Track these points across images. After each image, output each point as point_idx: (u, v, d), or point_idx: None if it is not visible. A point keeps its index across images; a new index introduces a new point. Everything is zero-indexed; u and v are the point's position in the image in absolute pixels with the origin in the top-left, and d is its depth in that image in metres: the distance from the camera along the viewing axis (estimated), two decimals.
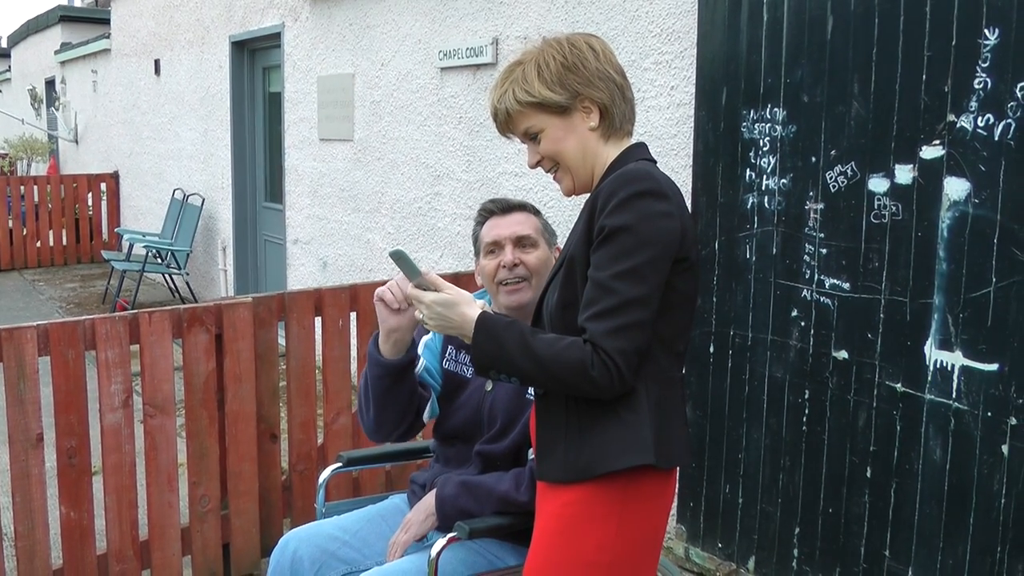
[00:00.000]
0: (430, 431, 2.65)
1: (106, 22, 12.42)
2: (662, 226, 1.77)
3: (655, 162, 1.96)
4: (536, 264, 2.41)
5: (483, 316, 1.85)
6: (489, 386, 2.46)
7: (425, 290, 1.94)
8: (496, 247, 2.44)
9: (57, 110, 15.03)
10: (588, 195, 1.95)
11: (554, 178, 2.00)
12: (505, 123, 1.97)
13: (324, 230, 6.89)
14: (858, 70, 3.08)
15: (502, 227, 2.46)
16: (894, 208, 3.01)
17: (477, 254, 2.53)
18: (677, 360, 1.91)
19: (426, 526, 2.39)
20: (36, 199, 11.33)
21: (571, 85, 1.89)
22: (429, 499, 2.41)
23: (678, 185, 3.92)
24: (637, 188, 1.78)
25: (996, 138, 2.72)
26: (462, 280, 3.94)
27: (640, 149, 1.98)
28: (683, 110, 3.80)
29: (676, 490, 2.02)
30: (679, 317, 1.87)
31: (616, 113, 1.93)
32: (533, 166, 1.99)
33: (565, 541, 1.85)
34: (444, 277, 2.09)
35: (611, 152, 1.95)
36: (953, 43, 2.81)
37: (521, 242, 2.43)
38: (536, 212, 2.53)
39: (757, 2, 3.40)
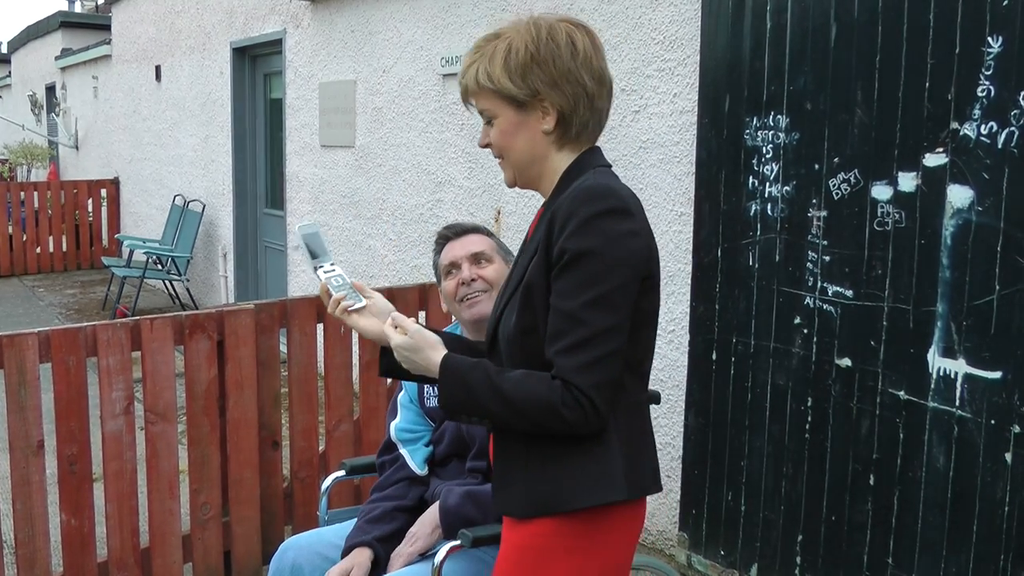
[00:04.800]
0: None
1: (107, 28, 12.43)
2: (629, 247, 1.66)
3: (610, 166, 1.85)
4: (494, 277, 2.49)
5: (447, 360, 1.75)
6: None
7: (396, 327, 1.83)
8: (454, 267, 2.52)
9: (57, 116, 15.04)
10: (543, 207, 1.83)
11: (500, 164, 1.88)
12: (465, 96, 1.84)
13: (325, 237, 6.88)
14: (861, 77, 3.08)
15: (457, 248, 2.54)
16: (897, 216, 3.01)
17: (439, 280, 2.60)
18: (642, 381, 1.81)
19: (433, 538, 2.39)
20: (36, 205, 11.33)
21: (533, 81, 1.74)
22: (434, 511, 2.41)
23: (682, 192, 3.92)
24: (600, 207, 1.65)
25: (999, 146, 2.72)
26: (395, 295, 3.92)
27: (595, 156, 1.83)
28: (686, 117, 3.80)
29: (645, 516, 1.94)
30: (645, 337, 1.77)
31: (576, 122, 1.77)
32: (482, 146, 1.86)
33: (531, 574, 1.76)
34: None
35: (564, 159, 1.81)
36: (956, 51, 2.81)
37: (476, 258, 2.51)
38: (489, 234, 2.61)
39: (760, 9, 3.40)
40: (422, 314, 4.10)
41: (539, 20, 1.79)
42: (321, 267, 1.95)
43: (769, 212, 3.41)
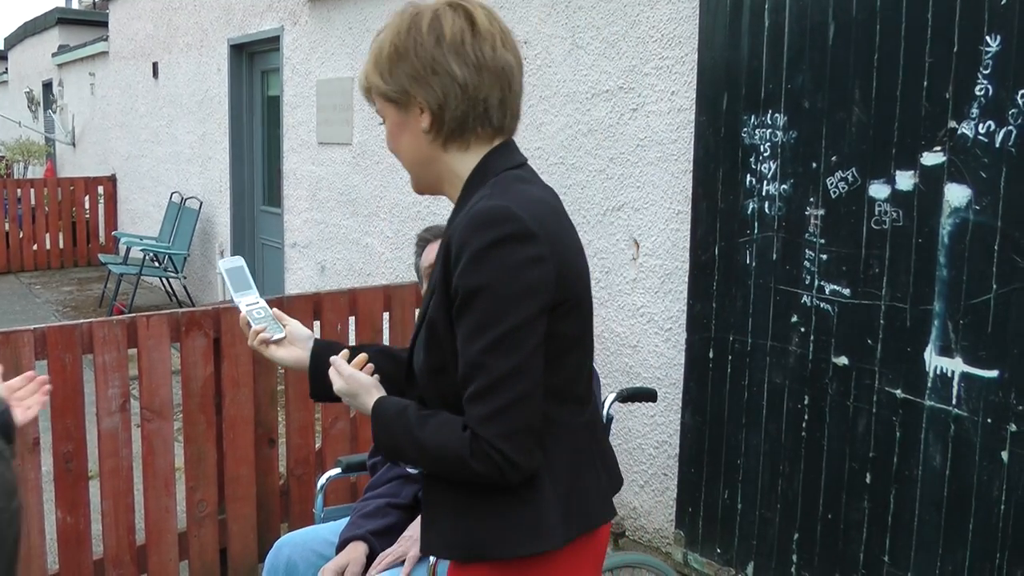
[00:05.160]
0: None
1: (104, 24, 12.41)
2: (529, 277, 1.46)
3: (524, 164, 1.65)
4: None
5: (377, 405, 1.64)
6: None
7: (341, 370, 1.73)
8: (432, 269, 2.49)
9: (54, 113, 15.02)
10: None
11: None
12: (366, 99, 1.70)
13: (322, 234, 6.88)
14: (859, 76, 3.08)
15: (435, 250, 2.53)
16: (895, 214, 3.01)
17: (420, 282, 2.62)
18: (579, 403, 1.64)
19: None
20: (33, 202, 11.31)
21: (399, 78, 1.57)
22: None
23: (679, 190, 3.90)
24: (493, 236, 1.46)
25: (997, 145, 2.72)
26: (392, 293, 3.95)
27: (501, 156, 1.62)
28: (684, 115, 3.79)
29: (609, 534, 1.78)
30: (570, 361, 1.58)
31: (450, 117, 1.57)
32: (391, 150, 1.72)
33: None
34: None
35: (461, 160, 1.63)
36: (955, 50, 2.81)
37: None
38: None
39: (758, 7, 3.39)
40: (418, 312, 4.09)
41: (409, 7, 1.61)
42: (243, 300, 1.95)
43: (767, 210, 3.40)
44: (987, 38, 2.73)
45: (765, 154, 3.40)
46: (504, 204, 1.49)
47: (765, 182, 3.40)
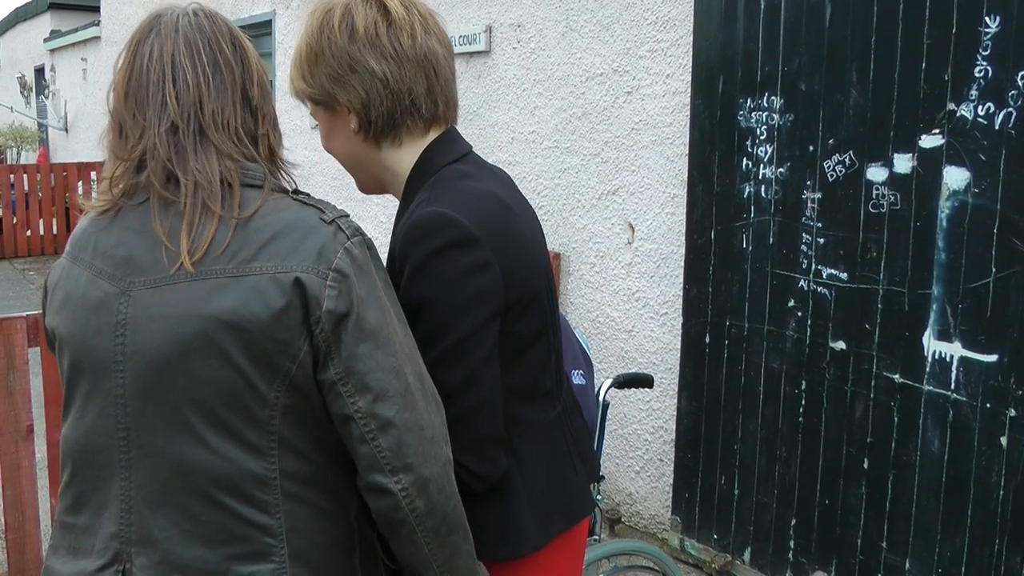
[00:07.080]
0: None
1: (96, 9, 12.34)
2: (474, 285, 1.41)
3: (467, 153, 1.59)
4: None
5: None
6: None
7: None
8: None
9: (47, 98, 14.94)
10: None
11: None
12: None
13: None
14: (857, 58, 3.05)
15: None
16: (893, 197, 2.98)
17: None
18: (548, 399, 1.59)
19: None
20: (26, 188, 11.25)
21: (320, 79, 1.53)
22: None
23: (675, 173, 3.86)
24: (432, 245, 1.40)
25: (996, 127, 2.70)
26: None
27: (442, 150, 1.56)
28: (679, 98, 3.76)
29: (589, 527, 1.76)
30: (532, 358, 1.54)
31: (376, 114, 1.51)
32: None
33: None
34: None
35: (399, 157, 1.57)
36: (953, 31, 2.78)
37: None
38: None
39: None
40: None
41: (321, 3, 1.57)
42: None
43: (763, 194, 3.38)
44: (986, 19, 2.70)
45: (761, 137, 3.37)
46: (442, 210, 1.42)
47: (761, 165, 3.38)
